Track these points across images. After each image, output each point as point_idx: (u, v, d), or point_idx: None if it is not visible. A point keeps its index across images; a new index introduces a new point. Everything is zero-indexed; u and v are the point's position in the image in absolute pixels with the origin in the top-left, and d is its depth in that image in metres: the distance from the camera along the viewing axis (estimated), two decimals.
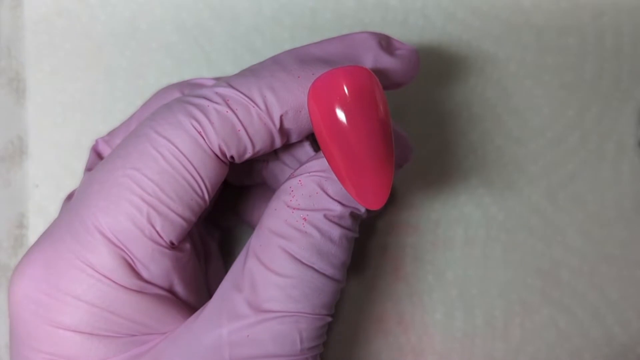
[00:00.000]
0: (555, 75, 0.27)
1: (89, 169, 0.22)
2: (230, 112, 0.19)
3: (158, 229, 0.19)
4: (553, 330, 0.27)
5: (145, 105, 0.23)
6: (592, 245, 0.27)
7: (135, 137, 0.20)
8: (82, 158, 0.28)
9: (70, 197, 0.23)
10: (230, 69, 0.28)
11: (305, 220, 0.20)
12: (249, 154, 0.20)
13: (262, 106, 0.19)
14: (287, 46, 0.27)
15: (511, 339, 0.27)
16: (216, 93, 0.19)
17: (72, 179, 0.28)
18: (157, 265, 0.20)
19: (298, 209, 0.20)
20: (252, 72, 0.20)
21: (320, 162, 0.20)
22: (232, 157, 0.20)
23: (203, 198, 0.20)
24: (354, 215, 0.21)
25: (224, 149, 0.19)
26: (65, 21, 0.28)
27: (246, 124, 0.19)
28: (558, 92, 0.27)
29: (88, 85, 0.28)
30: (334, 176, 0.20)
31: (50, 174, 0.28)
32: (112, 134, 0.23)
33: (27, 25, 0.28)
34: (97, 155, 0.23)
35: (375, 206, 0.19)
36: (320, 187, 0.20)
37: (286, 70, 0.20)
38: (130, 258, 0.19)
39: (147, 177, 0.19)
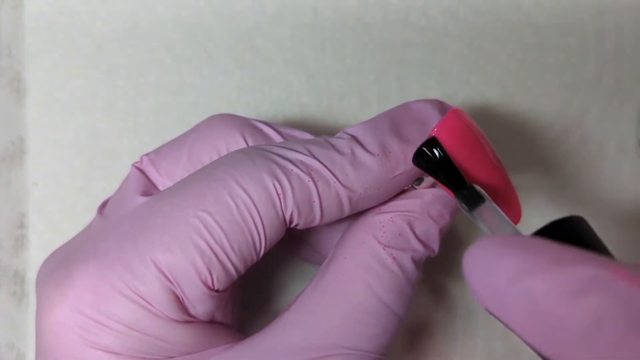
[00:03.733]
0: (556, 74, 0.27)
1: (142, 193, 0.21)
2: (311, 182, 0.19)
3: (214, 276, 0.19)
4: None
5: (197, 132, 0.22)
6: None
7: (212, 179, 0.19)
8: (82, 157, 0.28)
9: (103, 206, 0.22)
10: (231, 68, 0.27)
11: (395, 259, 0.20)
12: (314, 224, 0.20)
13: (344, 182, 0.19)
14: (289, 45, 0.27)
15: (512, 338, 0.27)
16: (300, 161, 0.19)
17: (72, 178, 0.28)
18: (203, 306, 0.20)
19: (388, 246, 0.20)
20: (332, 145, 0.20)
21: (412, 203, 0.21)
22: (297, 224, 0.20)
23: (258, 255, 0.20)
24: (426, 259, 0.21)
25: (294, 216, 0.19)
26: (65, 19, 0.28)
27: (323, 197, 0.19)
28: (559, 91, 0.27)
29: (88, 83, 0.28)
30: (424, 217, 0.21)
31: (50, 173, 0.28)
32: (158, 152, 0.23)
33: (28, 23, 0.28)
34: (141, 173, 0.22)
35: (520, 218, 0.21)
36: (409, 226, 0.20)
37: (365, 147, 0.20)
38: (181, 295, 0.19)
39: (218, 223, 0.19)
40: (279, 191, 0.19)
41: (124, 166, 0.23)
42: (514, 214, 0.21)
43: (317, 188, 0.19)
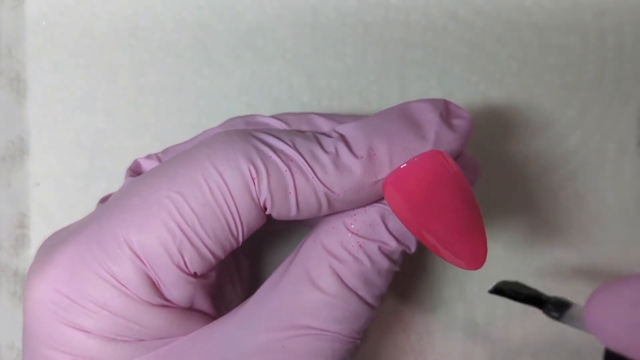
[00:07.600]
0: (557, 74, 0.27)
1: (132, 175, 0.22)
2: (288, 172, 0.19)
3: (186, 259, 0.19)
4: (553, 329, 0.27)
5: (208, 130, 0.23)
6: (592, 245, 0.27)
7: (189, 160, 0.19)
8: (83, 156, 0.28)
9: (104, 200, 0.22)
10: (231, 68, 0.27)
11: (361, 247, 0.20)
12: (290, 217, 0.20)
13: (323, 180, 0.19)
14: (289, 45, 0.27)
15: (512, 338, 0.27)
16: (281, 150, 0.19)
17: (73, 178, 0.28)
18: (179, 291, 0.20)
19: (356, 234, 0.20)
20: (318, 142, 0.20)
21: None
22: (269, 213, 0.20)
23: (237, 240, 0.20)
24: (403, 252, 0.21)
25: (268, 204, 0.19)
26: (66, 19, 0.28)
27: (299, 190, 0.19)
28: (559, 91, 0.27)
29: (89, 83, 0.28)
30: None
31: (51, 173, 0.28)
32: (166, 152, 0.23)
33: (28, 23, 0.28)
34: (140, 165, 0.23)
35: (476, 267, 0.20)
36: (382, 219, 0.20)
37: (351, 149, 0.20)
38: (156, 278, 0.19)
39: (190, 206, 0.19)
40: (254, 175, 0.19)
41: (125, 166, 0.23)
42: (475, 259, 0.20)
43: (293, 180, 0.19)
